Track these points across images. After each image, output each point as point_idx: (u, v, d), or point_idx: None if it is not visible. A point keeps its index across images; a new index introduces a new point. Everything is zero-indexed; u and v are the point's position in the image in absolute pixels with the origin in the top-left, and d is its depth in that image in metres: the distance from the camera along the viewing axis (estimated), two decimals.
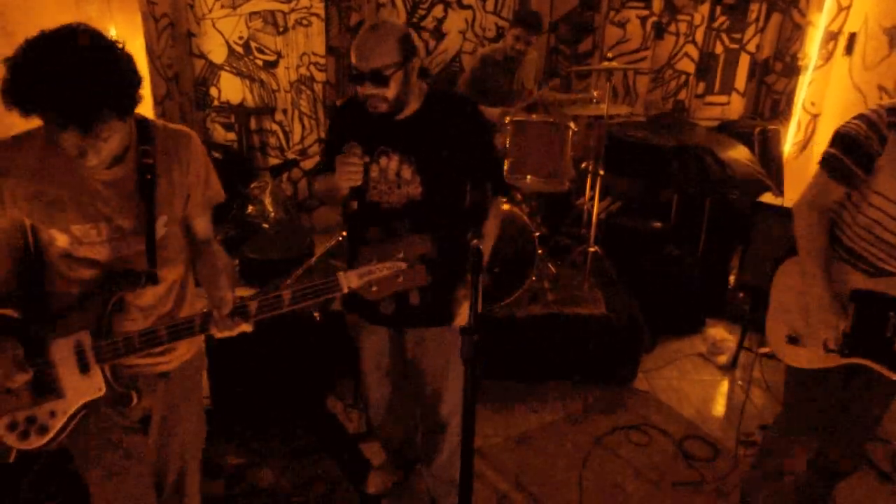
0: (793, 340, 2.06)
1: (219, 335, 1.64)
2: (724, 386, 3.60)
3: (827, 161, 1.93)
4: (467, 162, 2.04)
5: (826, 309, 1.92)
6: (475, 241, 1.32)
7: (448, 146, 2.00)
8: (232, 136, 4.97)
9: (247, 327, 1.64)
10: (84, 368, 1.58)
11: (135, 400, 1.65)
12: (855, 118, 1.89)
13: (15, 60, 1.33)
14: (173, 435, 1.87)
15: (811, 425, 2.18)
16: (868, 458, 2.95)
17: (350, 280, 1.55)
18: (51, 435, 1.59)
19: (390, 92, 1.88)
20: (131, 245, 1.62)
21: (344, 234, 3.93)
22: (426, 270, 1.52)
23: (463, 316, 1.97)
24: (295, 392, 3.18)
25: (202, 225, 1.83)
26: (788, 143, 4.86)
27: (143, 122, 1.63)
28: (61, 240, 1.56)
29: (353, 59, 1.86)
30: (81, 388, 1.58)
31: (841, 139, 1.89)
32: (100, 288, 1.60)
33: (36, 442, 1.58)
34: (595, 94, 3.87)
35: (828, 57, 4.60)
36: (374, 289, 1.54)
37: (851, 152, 1.86)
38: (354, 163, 1.84)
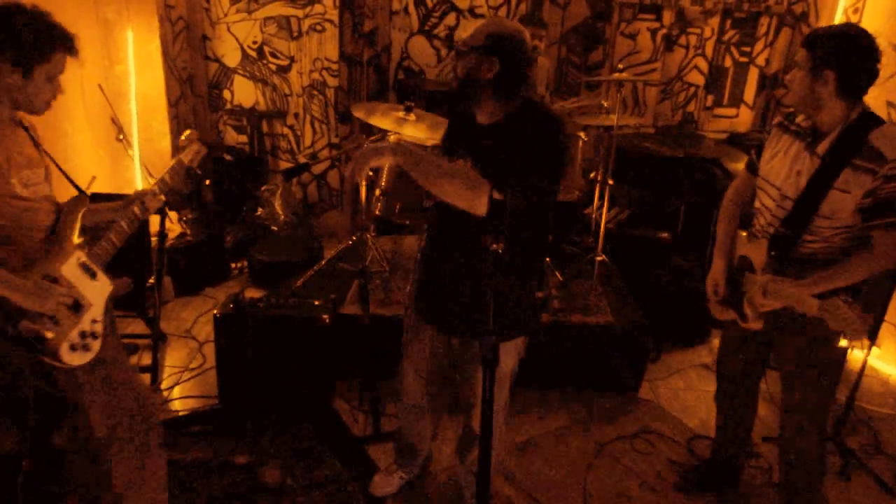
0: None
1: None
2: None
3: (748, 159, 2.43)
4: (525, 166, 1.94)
5: (715, 272, 2.41)
6: (494, 245, 1.34)
7: (518, 157, 1.90)
8: (244, 138, 5.03)
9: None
10: (92, 275, 1.92)
11: (131, 280, 2.05)
12: None
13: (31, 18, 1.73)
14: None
15: (725, 375, 2.73)
16: (873, 474, 2.97)
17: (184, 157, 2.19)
18: (101, 335, 1.92)
19: (461, 68, 1.99)
20: (48, 183, 1.95)
21: (354, 238, 3.97)
22: None
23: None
24: (303, 393, 3.20)
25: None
26: None
27: None
28: (20, 189, 1.82)
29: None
30: (98, 290, 1.93)
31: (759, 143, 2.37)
32: (62, 213, 1.91)
33: (95, 346, 1.89)
34: (605, 103, 3.90)
35: None
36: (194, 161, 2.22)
37: (754, 147, 2.39)
38: (361, 161, 1.90)
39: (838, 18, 4.55)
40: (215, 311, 3.16)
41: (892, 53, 4.08)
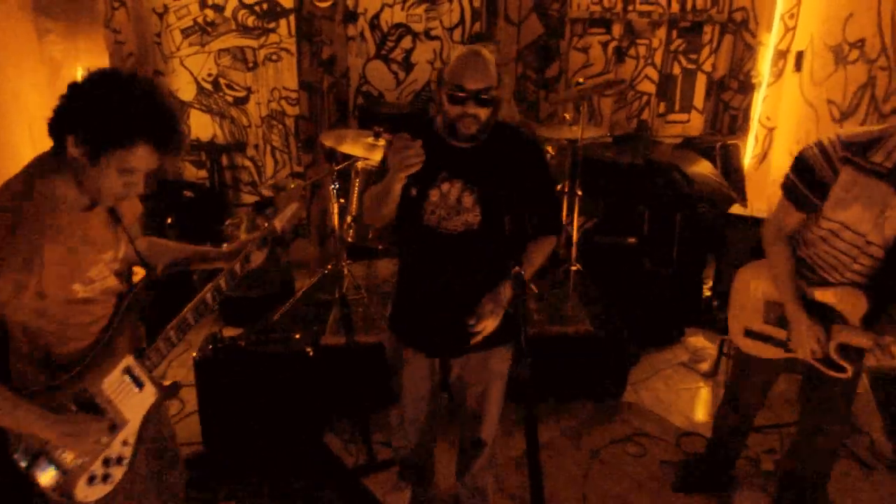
0: (749, 334, 2.40)
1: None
2: (708, 392, 3.71)
3: (785, 185, 2.14)
4: (527, 197, 2.09)
5: (811, 332, 2.15)
6: (517, 268, 1.37)
7: (510, 180, 2.03)
8: (203, 173, 4.94)
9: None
10: (139, 384, 1.67)
11: (180, 386, 1.82)
12: (813, 143, 2.05)
13: (118, 100, 1.43)
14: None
15: (742, 403, 2.62)
16: (850, 450, 3.09)
17: (280, 223, 2.03)
18: (128, 460, 1.68)
19: (486, 114, 1.95)
20: (124, 263, 1.75)
21: (329, 267, 3.93)
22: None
23: (482, 325, 2.01)
24: (291, 429, 3.13)
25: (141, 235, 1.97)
26: (748, 156, 5.08)
27: None
28: (80, 290, 1.57)
29: (456, 79, 1.91)
30: (139, 403, 1.69)
31: (797, 163, 2.08)
32: (127, 310, 1.68)
33: (119, 474, 1.65)
34: (567, 116, 3.99)
35: (779, 74, 4.85)
36: (287, 225, 2.08)
37: (804, 178, 2.05)
38: (407, 146, 1.82)
39: (776, 24, 4.78)
40: (193, 354, 3.07)
41: (828, 55, 4.31)
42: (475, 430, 2.42)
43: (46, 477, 1.51)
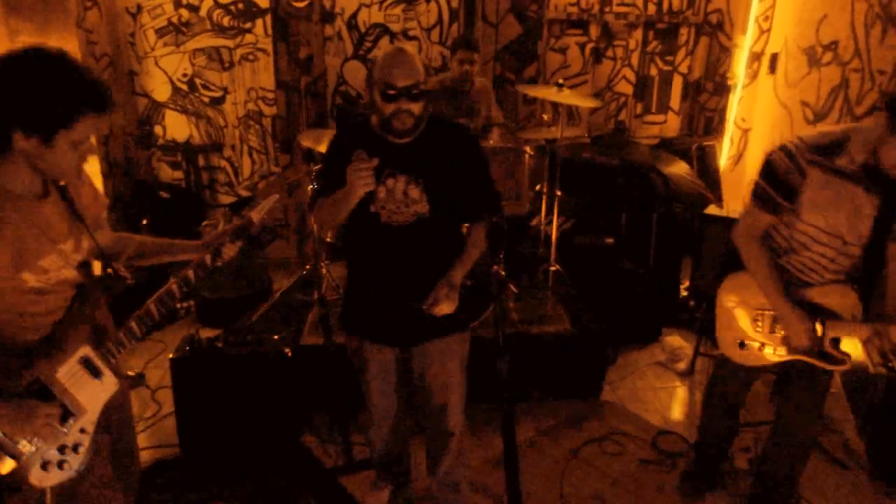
0: (744, 346, 2.41)
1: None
2: (685, 391, 3.74)
3: (754, 190, 2.18)
4: (467, 183, 2.18)
5: (800, 323, 2.18)
6: (496, 267, 1.37)
7: (450, 167, 2.14)
8: (179, 174, 4.89)
9: None
10: (97, 374, 1.67)
11: (145, 377, 1.83)
12: (779, 147, 2.10)
13: (52, 84, 1.45)
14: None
15: (732, 404, 2.66)
16: (824, 449, 3.13)
17: (257, 216, 1.92)
18: (85, 450, 1.67)
19: (419, 108, 2.02)
20: (83, 256, 1.71)
21: (307, 268, 3.91)
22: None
23: (439, 309, 2.09)
24: (268, 431, 3.11)
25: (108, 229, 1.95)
26: (723, 157, 5.14)
27: None
28: (31, 279, 1.58)
29: (387, 77, 1.97)
30: (98, 393, 1.68)
31: (765, 168, 2.13)
32: (80, 301, 1.67)
33: (76, 462, 1.64)
34: (546, 117, 4.01)
35: (753, 76, 4.92)
36: (265, 217, 1.97)
37: (773, 182, 2.10)
38: (366, 167, 1.93)
39: (751, 26, 4.85)
40: (170, 355, 3.04)
41: (802, 57, 4.38)
42: (441, 422, 2.43)
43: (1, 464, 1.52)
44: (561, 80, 3.59)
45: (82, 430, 1.66)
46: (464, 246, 2.22)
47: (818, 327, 2.18)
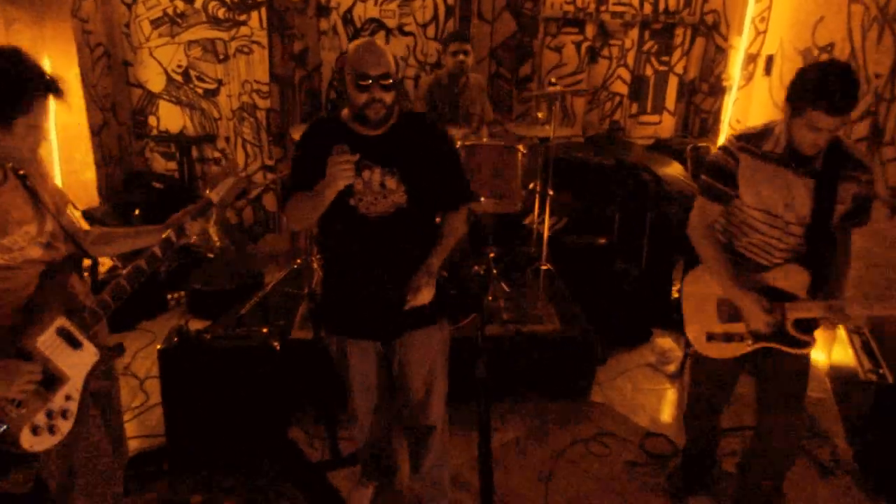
0: (711, 338, 2.46)
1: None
2: (674, 393, 3.74)
3: (701, 186, 2.36)
4: (440, 172, 2.22)
5: (755, 305, 2.25)
6: (476, 268, 1.36)
7: (422, 157, 2.17)
8: (173, 165, 4.88)
9: None
10: (76, 345, 1.75)
11: (124, 347, 1.92)
12: (717, 149, 2.33)
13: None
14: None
15: (715, 403, 2.68)
16: (811, 455, 3.14)
17: (217, 195, 1.99)
18: (74, 417, 1.76)
19: (391, 97, 2.06)
20: (50, 239, 1.83)
21: (298, 261, 3.90)
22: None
23: (420, 298, 2.11)
24: (255, 424, 3.10)
25: (76, 217, 2.02)
26: None
27: None
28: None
29: (359, 67, 2.02)
30: (80, 362, 1.77)
31: (708, 167, 2.32)
32: (49, 277, 1.77)
33: (65, 427, 1.74)
34: (540, 115, 4.00)
35: (749, 77, 4.91)
36: (226, 197, 2.02)
37: (716, 175, 2.28)
38: (347, 160, 1.95)
39: (746, 28, 4.84)
40: (158, 346, 3.03)
41: (798, 59, 4.37)
42: (423, 415, 2.43)
43: None
44: (553, 79, 3.58)
45: (68, 398, 1.75)
46: (440, 235, 2.25)
47: (775, 305, 2.25)
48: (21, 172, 1.77)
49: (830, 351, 3.74)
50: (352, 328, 2.34)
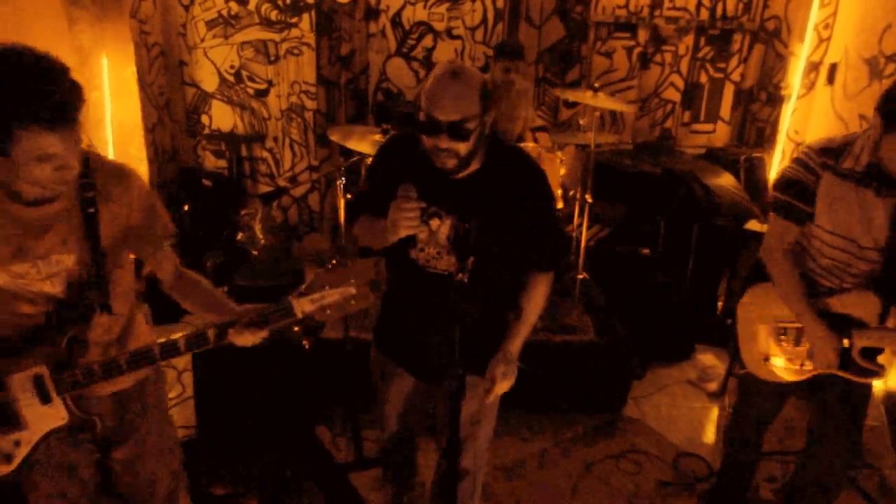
0: (767, 360, 2.32)
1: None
2: (714, 413, 3.60)
3: (775, 205, 2.18)
4: (525, 230, 1.87)
5: (827, 340, 2.13)
6: (459, 276, 1.32)
7: (508, 212, 1.82)
8: (223, 163, 5.00)
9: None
10: (45, 399, 1.60)
11: (99, 426, 1.70)
12: (791, 162, 2.14)
13: None
14: (140, 454, 1.88)
15: (761, 425, 2.56)
16: (855, 484, 2.96)
17: (304, 305, 1.57)
18: (16, 462, 1.63)
19: (465, 148, 1.70)
20: (77, 277, 1.61)
21: (334, 262, 3.93)
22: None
23: (498, 389, 1.89)
24: (282, 421, 3.14)
25: (165, 258, 1.79)
26: (773, 171, 4.93)
27: (84, 155, 1.57)
28: (2, 279, 1.56)
29: (429, 108, 1.67)
30: (44, 417, 1.62)
31: (784, 182, 2.14)
32: (54, 322, 1.63)
33: (2, 470, 1.62)
34: (582, 121, 3.92)
35: (810, 86, 4.69)
36: (328, 312, 1.57)
37: (791, 191, 2.10)
38: (412, 208, 1.66)
39: (809, 34, 4.63)
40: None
41: (863, 67, 4.15)
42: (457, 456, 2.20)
43: None
44: (596, 84, 3.50)
45: (17, 443, 1.62)
46: (520, 308, 1.95)
47: (845, 341, 2.12)
48: (88, 195, 1.55)
49: (888, 377, 3.53)
50: (398, 357, 2.14)
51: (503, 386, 1.88)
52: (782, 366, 2.30)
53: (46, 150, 1.36)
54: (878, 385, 3.71)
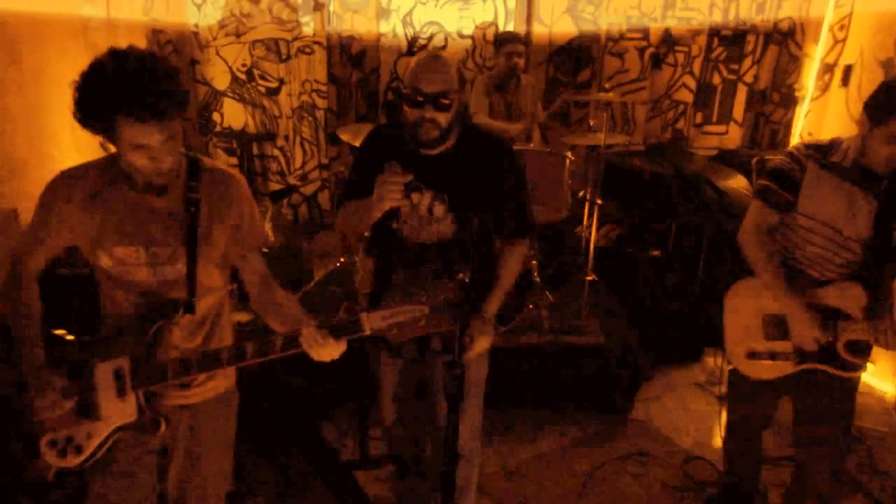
0: (752, 356, 2.32)
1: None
2: (723, 416, 3.56)
3: (758, 191, 2.25)
4: (497, 202, 2.05)
5: (807, 315, 2.15)
6: (461, 276, 1.32)
7: (480, 185, 2.01)
8: (234, 160, 5.02)
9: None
10: (121, 392, 1.66)
11: (163, 427, 1.72)
12: (781, 155, 2.24)
13: (91, 74, 1.48)
14: (195, 470, 1.89)
15: (754, 426, 2.58)
16: (865, 491, 2.93)
17: (373, 321, 1.58)
18: (85, 455, 1.68)
19: (446, 119, 1.91)
20: (170, 272, 1.69)
21: (343, 259, 3.94)
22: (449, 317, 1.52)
23: (475, 348, 1.99)
24: (290, 418, 3.16)
25: (254, 264, 1.85)
26: None
27: (193, 159, 1.72)
28: (105, 261, 1.67)
29: (414, 83, 1.89)
30: (117, 412, 1.67)
31: (771, 172, 2.22)
32: (141, 315, 1.69)
33: (72, 460, 1.68)
34: (592, 122, 3.90)
35: (824, 88, 4.64)
36: (395, 331, 1.56)
37: (780, 181, 2.18)
38: (397, 181, 1.81)
39: (824, 35, 4.58)
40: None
41: (878, 70, 4.11)
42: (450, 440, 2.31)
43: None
44: (607, 85, 3.48)
45: (89, 436, 1.67)
46: (495, 275, 2.09)
47: (822, 322, 2.15)
48: (194, 196, 1.66)
49: None
50: (387, 345, 2.18)
51: (481, 343, 2.01)
52: (764, 360, 2.30)
53: (140, 141, 1.50)
54: (889, 391, 3.67)
